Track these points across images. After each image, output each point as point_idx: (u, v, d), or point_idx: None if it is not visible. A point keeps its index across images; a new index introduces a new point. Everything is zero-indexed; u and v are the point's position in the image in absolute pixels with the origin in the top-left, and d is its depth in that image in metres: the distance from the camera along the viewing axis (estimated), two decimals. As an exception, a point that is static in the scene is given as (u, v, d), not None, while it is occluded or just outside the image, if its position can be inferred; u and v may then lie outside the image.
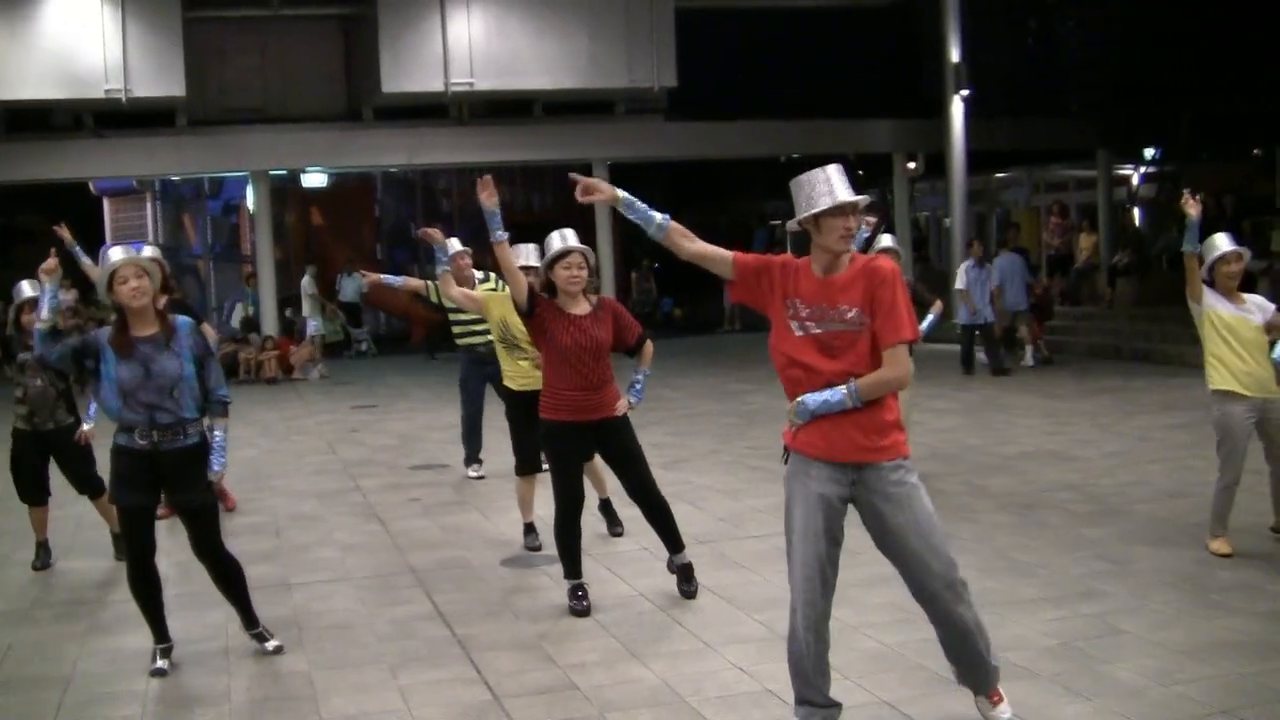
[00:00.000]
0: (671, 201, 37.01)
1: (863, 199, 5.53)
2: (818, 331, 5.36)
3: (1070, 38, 28.13)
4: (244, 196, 29.03)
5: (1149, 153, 31.31)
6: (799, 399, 5.34)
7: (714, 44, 29.20)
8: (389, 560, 9.45)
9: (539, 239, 8.47)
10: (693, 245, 5.73)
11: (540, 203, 33.35)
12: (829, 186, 5.54)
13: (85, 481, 9.65)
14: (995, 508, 10.28)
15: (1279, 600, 7.53)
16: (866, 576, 8.27)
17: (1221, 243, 8.60)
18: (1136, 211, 32.31)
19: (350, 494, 12.13)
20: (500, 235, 7.76)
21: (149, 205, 31.66)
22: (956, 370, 19.81)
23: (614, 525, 9.94)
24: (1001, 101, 27.45)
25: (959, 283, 19.85)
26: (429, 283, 11.56)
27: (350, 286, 29.19)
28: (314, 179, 29.57)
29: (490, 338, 10.02)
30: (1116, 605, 7.53)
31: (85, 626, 8.04)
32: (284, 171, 27.48)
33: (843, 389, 5.26)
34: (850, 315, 5.32)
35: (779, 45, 31.46)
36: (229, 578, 7.31)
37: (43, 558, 9.70)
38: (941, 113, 26.37)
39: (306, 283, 27.68)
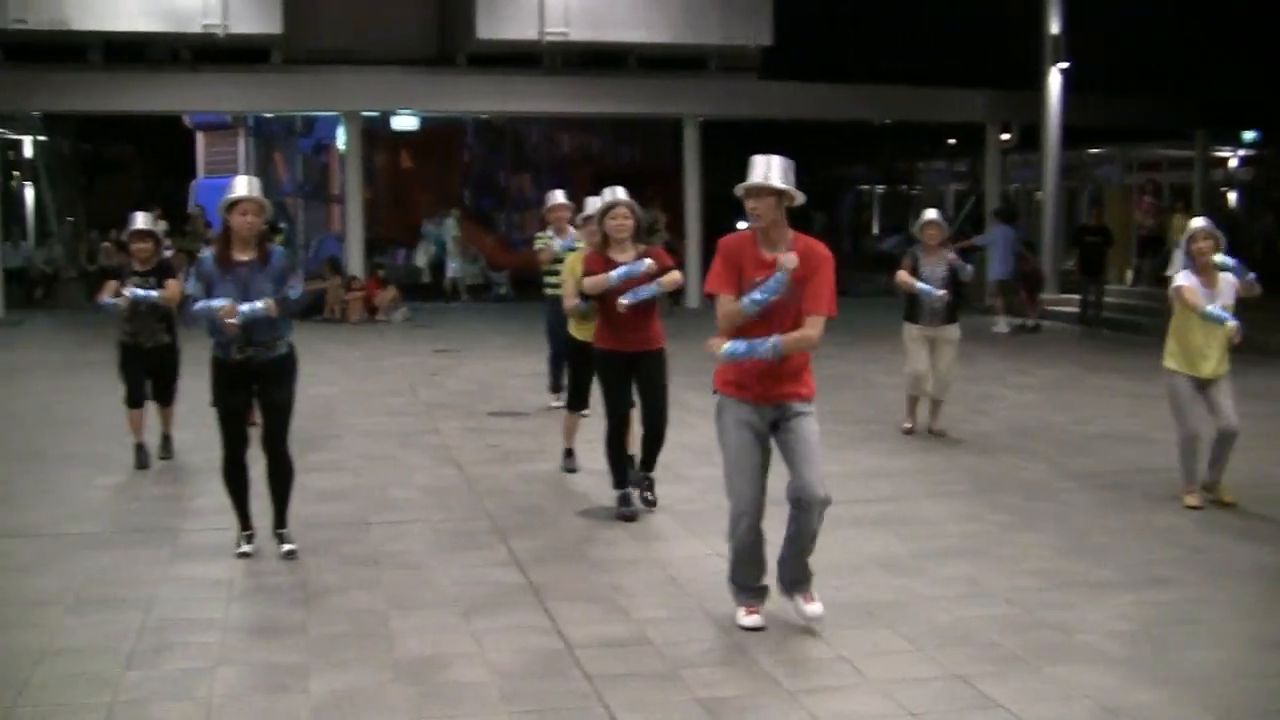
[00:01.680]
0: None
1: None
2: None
3: (1172, 13, 27.64)
4: (335, 136, 29.15)
5: (1248, 135, 30.77)
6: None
7: (811, 4, 28.94)
8: (465, 505, 9.52)
9: (630, 193, 9.11)
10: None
11: (629, 155, 33.27)
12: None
13: (170, 392, 11.01)
14: (1075, 488, 10.18)
15: (1361, 597, 7.43)
16: (939, 549, 8.27)
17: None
18: (1232, 195, 31.80)
19: (428, 436, 12.22)
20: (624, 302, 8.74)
21: (241, 141, 31.85)
22: (1041, 347, 19.64)
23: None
24: (1099, 75, 27.03)
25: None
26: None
27: (437, 231, 29.34)
28: (404, 122, 29.62)
29: None
30: (1192, 593, 7.44)
31: (166, 553, 8.16)
32: (375, 113, 27.56)
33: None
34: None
35: (877, 8, 31.19)
36: (281, 474, 8.18)
37: (140, 458, 10.76)
38: (1038, 84, 26.03)
39: (450, 224, 27.96)
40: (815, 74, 27.66)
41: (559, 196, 13.09)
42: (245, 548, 8.06)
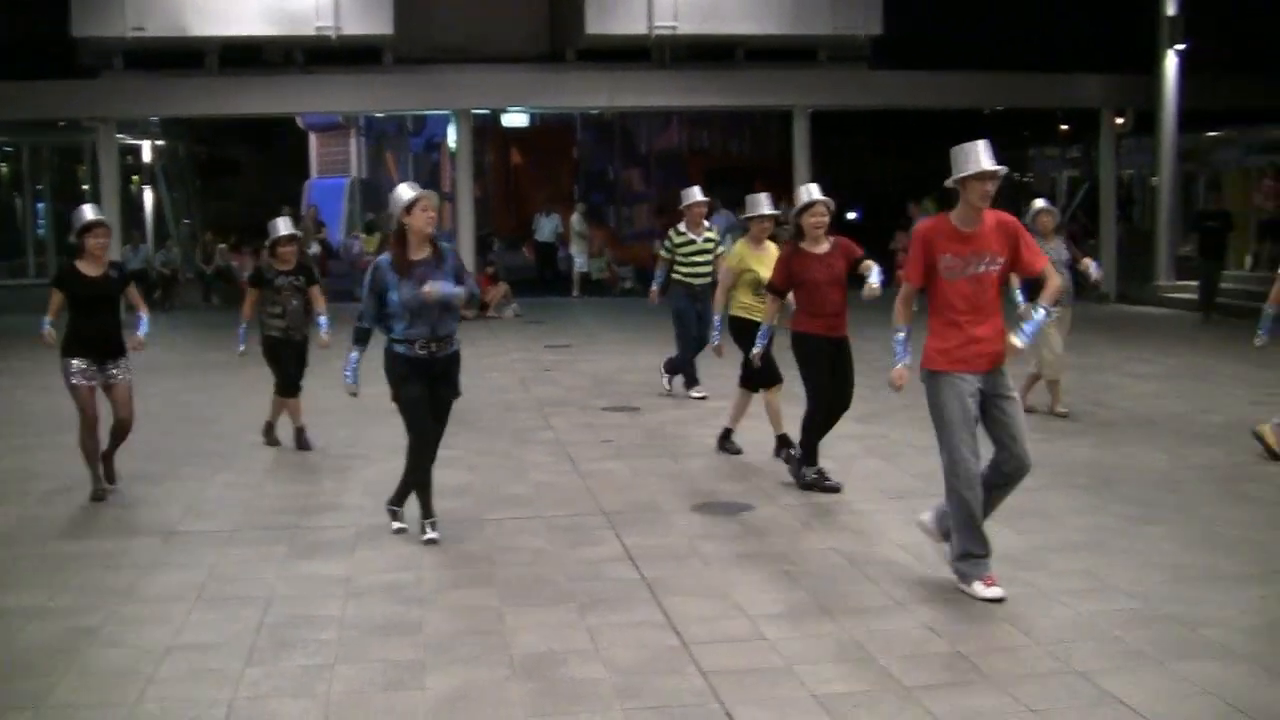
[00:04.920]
0: (871, 152, 36.57)
1: (1001, 169, 7.10)
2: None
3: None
4: (445, 134, 29.39)
5: (1374, 116, 29.95)
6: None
7: (922, -7, 28.64)
8: (580, 500, 9.54)
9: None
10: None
11: (739, 148, 33.19)
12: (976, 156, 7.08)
13: (295, 381, 11.63)
14: (1199, 478, 9.98)
15: None
16: (1059, 543, 8.15)
17: None
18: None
19: (542, 432, 12.26)
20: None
21: (353, 140, 32.27)
22: (1160, 334, 19.29)
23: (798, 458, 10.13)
24: (1219, 56, 26.46)
25: None
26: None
27: (548, 226, 29.50)
28: (515, 119, 29.84)
29: (707, 280, 13.44)
30: (1326, 586, 7.27)
31: (285, 550, 8.27)
32: (486, 111, 27.73)
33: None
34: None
35: (986, -6, 30.78)
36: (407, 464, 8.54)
37: (271, 436, 11.80)
38: (1154, 67, 25.55)
39: (576, 220, 28.18)
40: (925, 62, 27.37)
41: (697, 193, 14.06)
42: (432, 534, 8.38)
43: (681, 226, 14.00)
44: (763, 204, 11.15)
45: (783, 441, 10.62)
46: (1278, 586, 7.26)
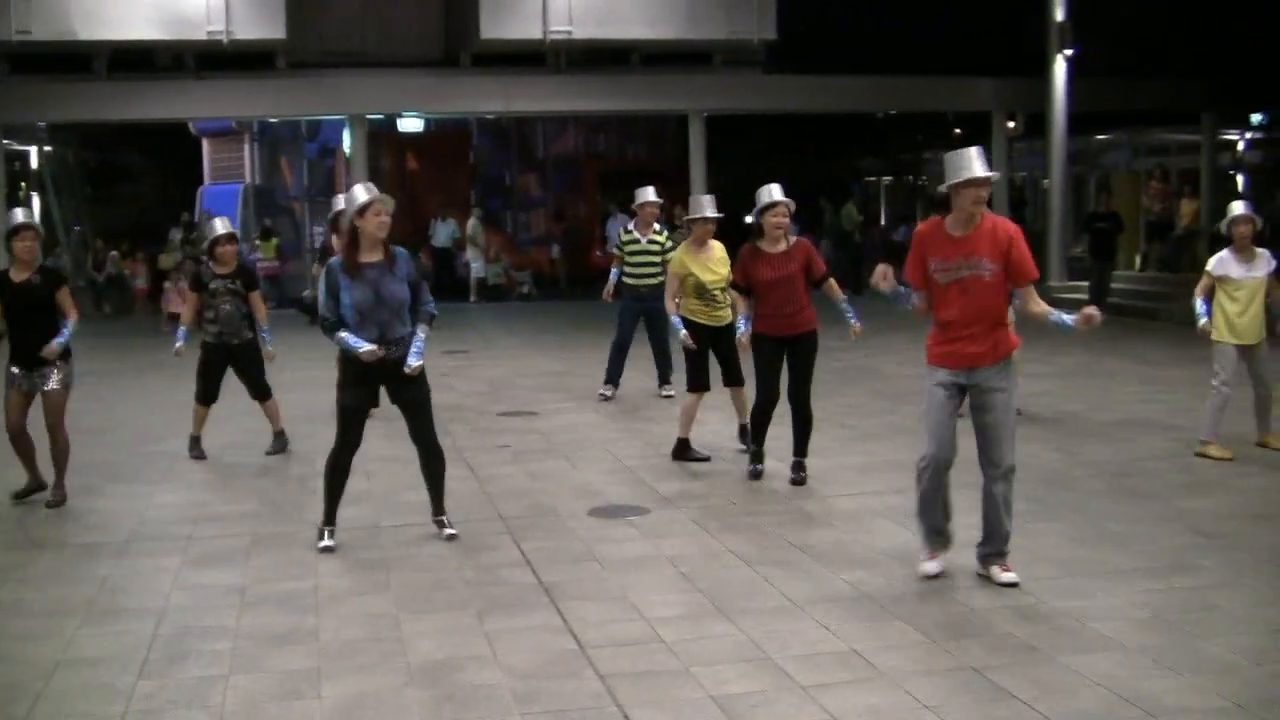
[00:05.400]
0: (766, 156, 36.75)
1: (994, 174, 7.28)
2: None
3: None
4: (340, 140, 29.16)
5: (1256, 117, 30.64)
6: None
7: (814, -3, 28.88)
8: (477, 506, 9.50)
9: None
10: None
11: (635, 152, 33.25)
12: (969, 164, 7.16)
13: (260, 387, 11.56)
14: (1091, 475, 10.15)
15: (1379, 580, 7.39)
16: (955, 540, 8.23)
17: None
18: (1240, 178, 31.67)
19: (440, 438, 12.15)
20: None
21: (247, 146, 31.90)
22: (1053, 334, 19.52)
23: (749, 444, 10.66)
24: (1106, 61, 26.94)
25: None
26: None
27: (444, 232, 29.34)
28: (410, 124, 29.66)
29: (652, 282, 13.51)
30: (1212, 580, 7.41)
31: (178, 561, 8.15)
32: (380, 116, 27.56)
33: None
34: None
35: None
36: (435, 464, 8.66)
37: (196, 450, 11.37)
38: (1044, 72, 25.95)
39: (472, 225, 27.99)
40: (820, 67, 27.61)
41: (650, 194, 13.94)
42: (328, 542, 8.33)
43: (630, 226, 14.12)
44: (706, 206, 11.17)
45: (744, 432, 10.99)
46: (1166, 580, 7.41)
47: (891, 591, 7.23)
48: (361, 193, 8.19)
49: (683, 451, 10.95)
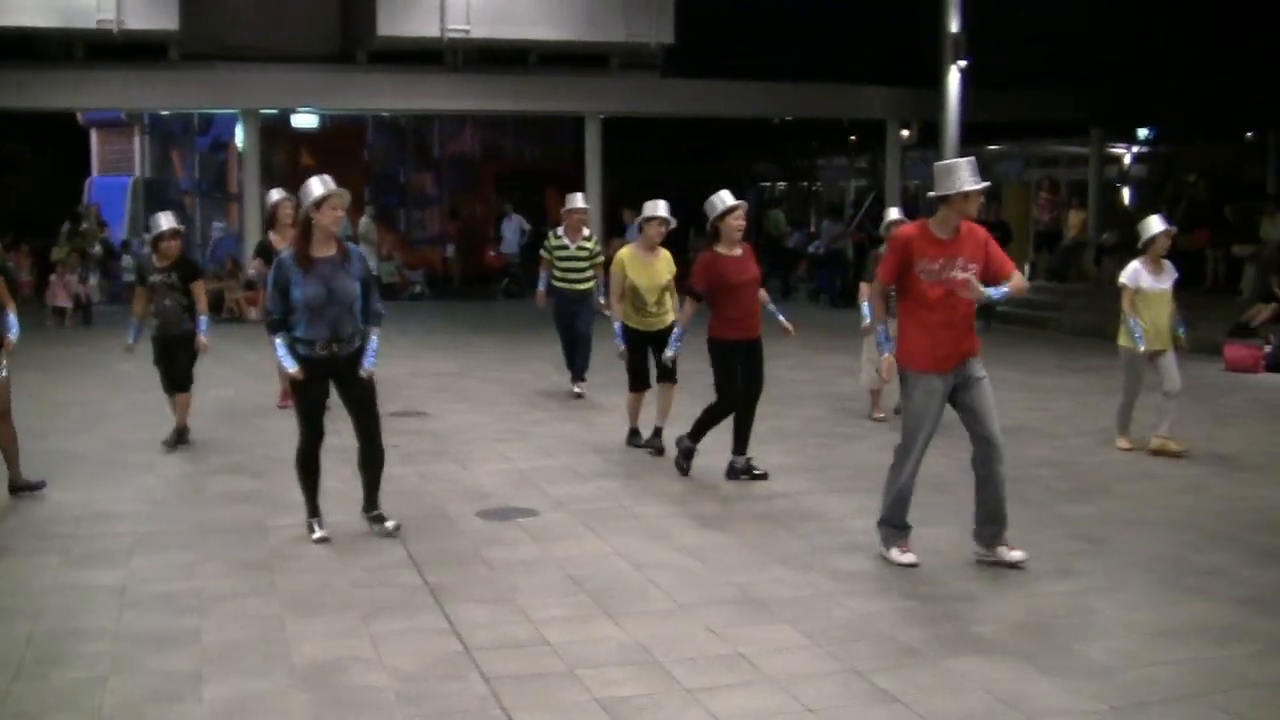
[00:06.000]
0: (663, 159, 36.80)
1: (985, 185, 7.72)
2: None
3: (1070, 12, 27.99)
4: (233, 134, 28.80)
5: (1142, 132, 31.26)
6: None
7: (713, 2, 28.97)
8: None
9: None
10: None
11: (532, 153, 33.17)
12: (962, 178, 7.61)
13: (185, 377, 11.54)
14: (972, 481, 10.25)
15: (1251, 586, 7.56)
16: (840, 545, 8.32)
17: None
18: (1126, 191, 32.29)
19: (329, 437, 12.03)
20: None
21: (137, 138, 31.40)
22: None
23: (653, 442, 11.24)
24: (999, 73, 27.32)
25: None
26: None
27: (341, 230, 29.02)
28: (304, 119, 29.35)
29: (581, 287, 13.87)
30: (1091, 584, 7.55)
31: (57, 560, 8.00)
32: (274, 111, 27.26)
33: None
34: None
35: (778, 6, 31.27)
36: (375, 460, 8.64)
37: (184, 436, 11.59)
38: (938, 82, 26.26)
39: (364, 223, 27.65)
40: (718, 72, 27.73)
41: (579, 200, 14.29)
42: (321, 532, 8.41)
43: (560, 231, 14.20)
44: (660, 206, 11.38)
45: (658, 434, 11.20)
46: (1048, 584, 7.54)
47: (778, 595, 7.28)
48: (318, 186, 8.17)
49: (634, 440, 11.40)
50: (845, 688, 5.92)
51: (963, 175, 7.59)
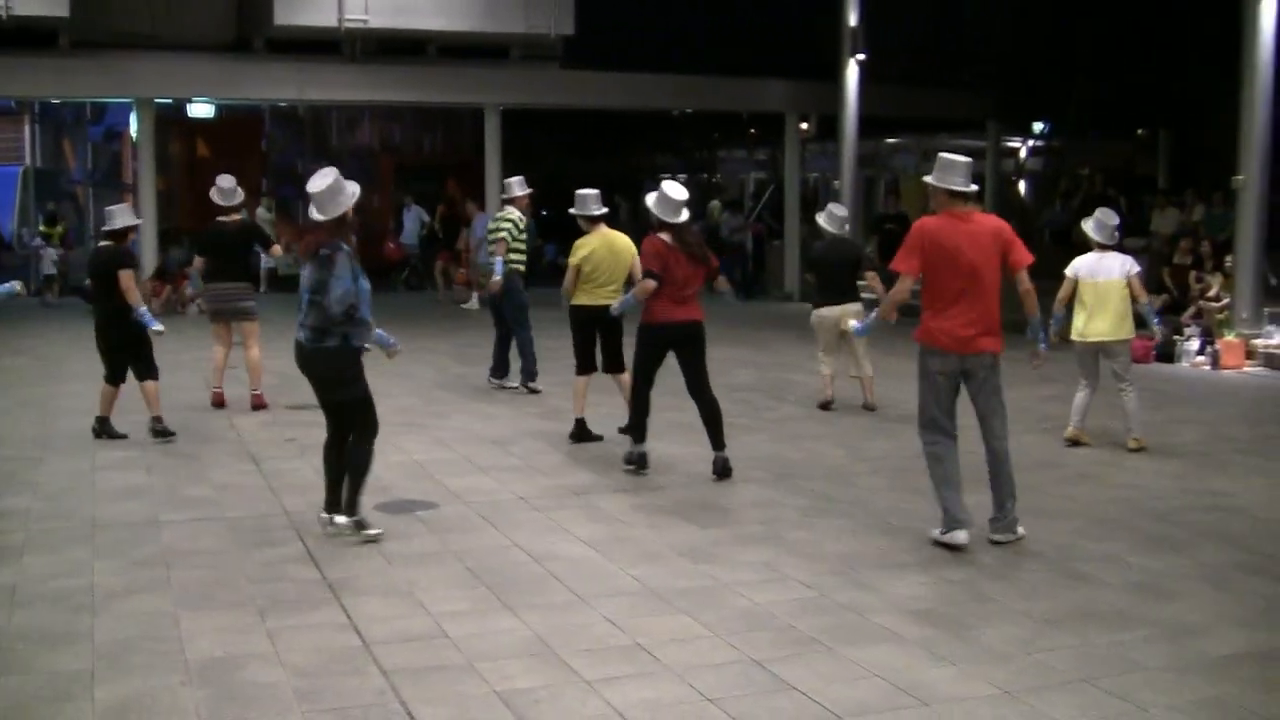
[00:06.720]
0: (563, 151, 36.76)
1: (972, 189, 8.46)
2: None
3: (966, 9, 28.36)
4: (127, 123, 28.36)
5: (1037, 127, 31.71)
6: None
7: (613, -6, 28.99)
8: (262, 501, 9.33)
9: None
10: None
11: (432, 145, 32.99)
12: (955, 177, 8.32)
13: (149, 367, 11.56)
14: (870, 470, 10.38)
15: (1141, 573, 7.69)
16: (738, 536, 8.36)
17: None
18: (1022, 184, 32.74)
19: (226, 432, 11.95)
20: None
21: (27, 127, 30.87)
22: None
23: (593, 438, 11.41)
24: (896, 68, 27.57)
25: None
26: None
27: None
28: (200, 109, 28.98)
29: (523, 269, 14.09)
30: (985, 573, 7.65)
31: (-56, 558, 7.85)
32: (169, 100, 26.87)
33: None
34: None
35: (679, -1, 31.38)
36: (359, 466, 8.41)
37: (161, 426, 11.55)
38: (837, 76, 26.44)
39: (261, 214, 27.26)
40: (617, 63, 27.73)
41: (523, 182, 14.47)
42: (373, 531, 8.30)
43: (519, 216, 14.25)
44: (593, 201, 11.69)
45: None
46: (942, 572, 7.62)
47: (677, 586, 7.29)
48: (354, 185, 8.50)
49: (581, 432, 11.40)
50: (745, 677, 5.95)
51: (955, 177, 8.29)
